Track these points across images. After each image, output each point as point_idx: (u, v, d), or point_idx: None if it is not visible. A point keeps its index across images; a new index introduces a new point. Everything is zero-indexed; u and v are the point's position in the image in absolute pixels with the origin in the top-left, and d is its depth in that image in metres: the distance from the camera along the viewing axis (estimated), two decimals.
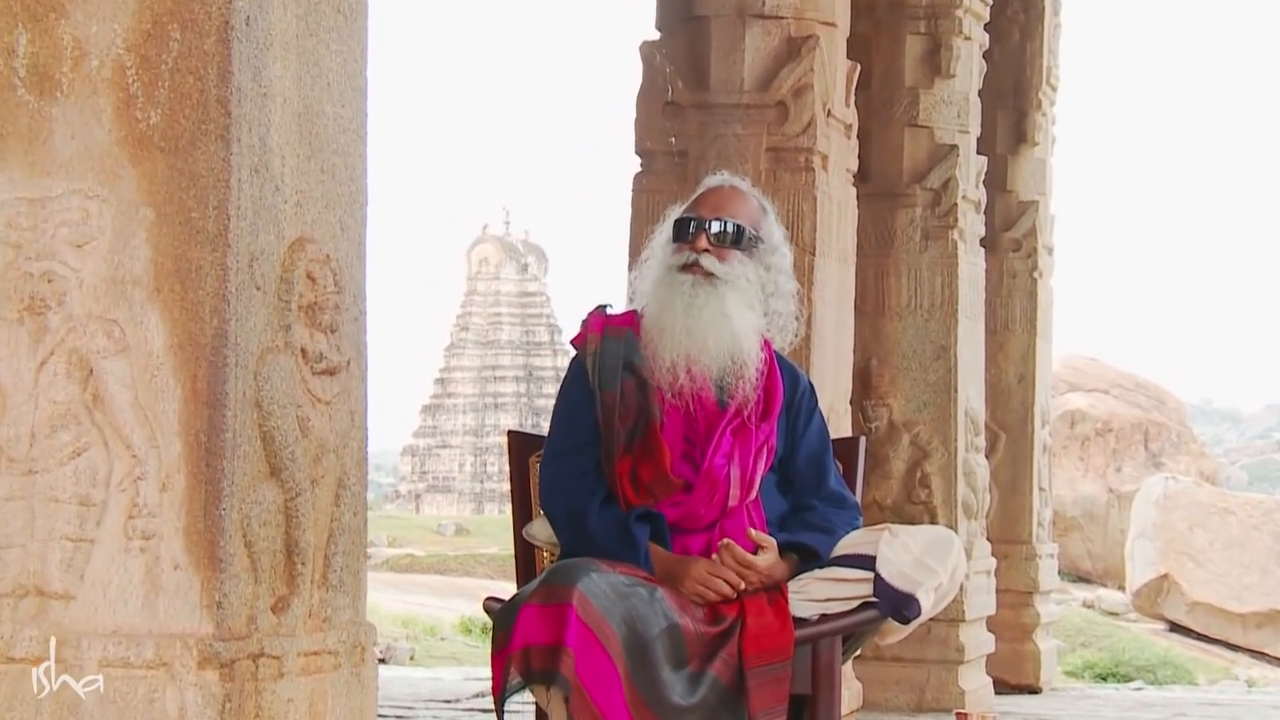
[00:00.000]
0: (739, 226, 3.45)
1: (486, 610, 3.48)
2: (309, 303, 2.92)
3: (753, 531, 3.37)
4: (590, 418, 3.44)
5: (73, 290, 2.81)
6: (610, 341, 3.46)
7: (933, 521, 7.11)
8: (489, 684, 4.05)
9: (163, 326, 2.78)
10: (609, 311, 3.54)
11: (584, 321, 3.54)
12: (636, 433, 3.40)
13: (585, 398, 3.45)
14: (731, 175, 3.60)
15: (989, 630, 7.81)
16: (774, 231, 3.52)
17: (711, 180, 3.57)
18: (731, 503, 3.42)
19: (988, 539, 7.82)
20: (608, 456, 3.41)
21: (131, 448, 2.77)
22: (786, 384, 3.53)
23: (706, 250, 3.42)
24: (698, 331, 3.37)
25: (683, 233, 3.45)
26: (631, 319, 3.50)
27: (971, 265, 7.51)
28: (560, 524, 3.46)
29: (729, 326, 3.39)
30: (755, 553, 3.35)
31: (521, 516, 3.70)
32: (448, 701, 7.62)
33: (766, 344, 3.52)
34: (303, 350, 2.91)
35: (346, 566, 3.01)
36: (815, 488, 3.53)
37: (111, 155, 2.81)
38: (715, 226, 3.43)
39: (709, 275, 3.40)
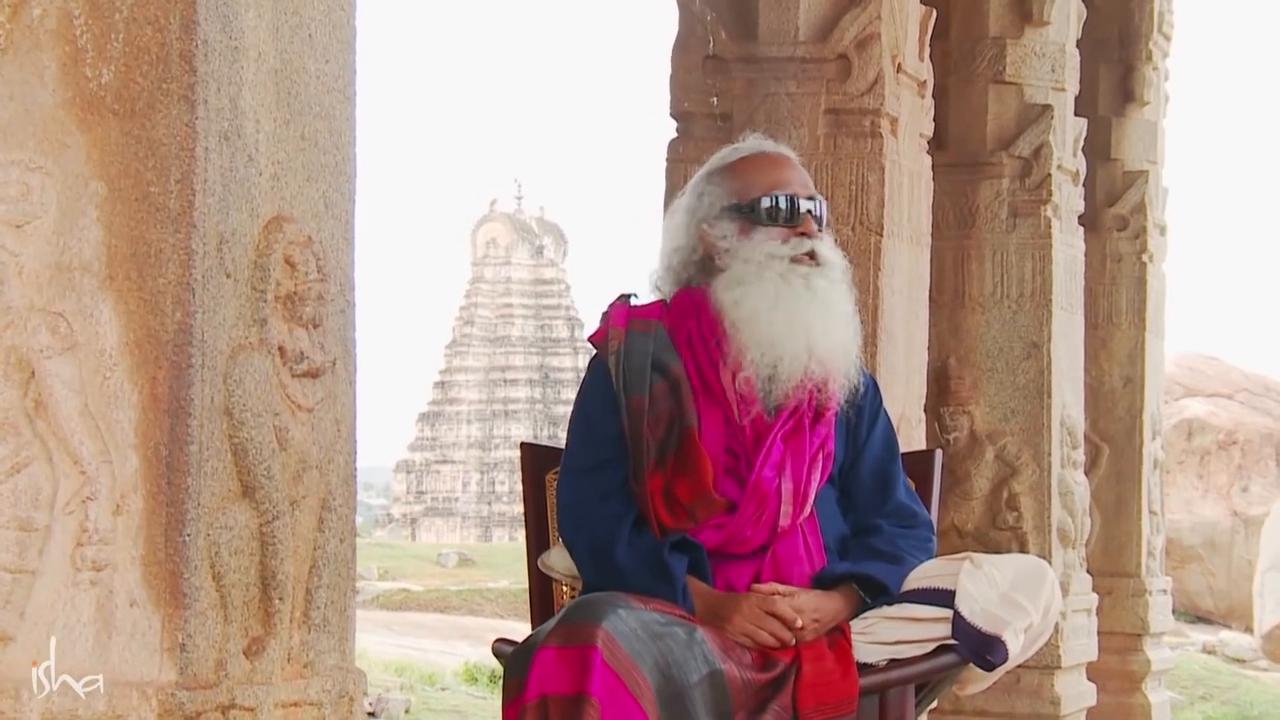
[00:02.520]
0: (824, 205, 3.54)
1: (496, 654, 3.49)
2: (288, 292, 2.94)
3: (760, 587, 3.38)
4: (615, 428, 3.45)
5: (11, 278, 2.83)
6: (636, 337, 3.47)
7: (1022, 550, 7.09)
8: None
9: (117, 321, 2.80)
10: (633, 302, 3.55)
11: (605, 314, 3.55)
12: (670, 444, 3.41)
13: (608, 404, 3.46)
14: (769, 139, 3.63)
15: (1090, 679, 7.79)
16: None
17: (764, 145, 3.59)
18: (783, 522, 3.43)
19: (1088, 571, 7.80)
20: (636, 473, 3.42)
21: (80, 463, 2.79)
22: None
23: (817, 235, 3.49)
24: (817, 331, 3.42)
25: (786, 213, 3.47)
26: (659, 310, 3.51)
27: (1068, 247, 7.50)
28: (582, 555, 3.47)
29: (847, 325, 3.47)
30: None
31: (536, 544, 3.71)
32: None
33: None
34: (280, 348, 2.92)
35: (331, 603, 3.03)
36: (880, 503, 3.54)
37: (56, 120, 2.83)
38: (813, 206, 3.49)
39: (820, 265, 3.46)
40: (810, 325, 3.41)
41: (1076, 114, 7.61)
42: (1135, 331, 8.93)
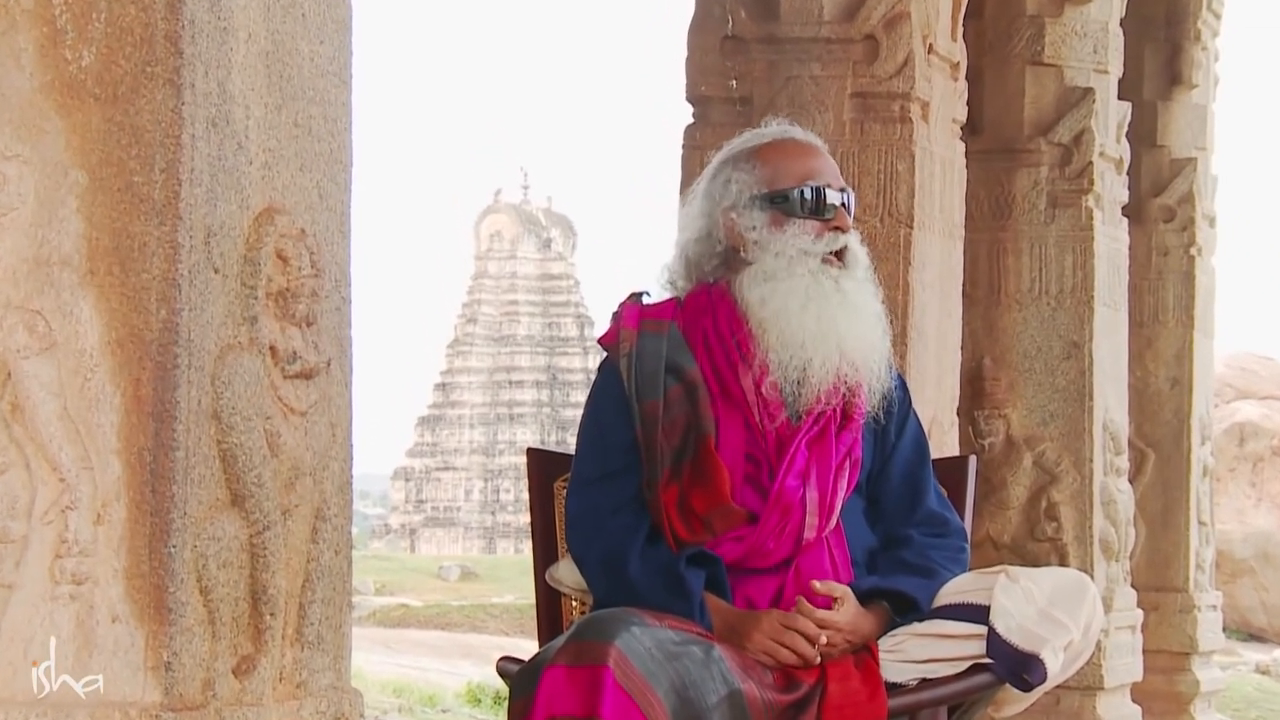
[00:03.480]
0: (852, 196, 3.55)
1: (501, 673, 3.50)
2: (280, 289, 2.94)
3: (817, 583, 3.38)
4: (627, 435, 3.45)
5: None
6: (648, 339, 3.47)
7: (1062, 563, 7.09)
8: None
9: (98, 319, 2.80)
10: (645, 300, 3.56)
11: (615, 314, 3.55)
12: (686, 452, 3.41)
13: (620, 410, 3.46)
14: (795, 125, 3.64)
15: (1134, 701, 7.79)
16: None
17: (792, 131, 3.59)
18: (808, 534, 3.43)
19: (1132, 585, 7.80)
20: (650, 483, 3.42)
21: (59, 470, 2.79)
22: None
23: (850, 230, 3.51)
24: (848, 332, 3.42)
25: (820, 206, 3.47)
26: (672, 309, 3.51)
27: (1111, 240, 7.50)
28: (593, 569, 3.48)
29: (877, 326, 3.47)
30: (831, 607, 3.36)
31: (544, 556, 3.71)
32: None
33: None
34: (272, 348, 2.93)
35: (326, 619, 3.04)
36: (910, 511, 3.54)
37: (34, 105, 2.84)
38: (844, 198, 3.51)
39: (847, 265, 3.48)
40: (840, 326, 3.41)
41: (1120, 98, 7.60)
42: (1182, 330, 8.92)
